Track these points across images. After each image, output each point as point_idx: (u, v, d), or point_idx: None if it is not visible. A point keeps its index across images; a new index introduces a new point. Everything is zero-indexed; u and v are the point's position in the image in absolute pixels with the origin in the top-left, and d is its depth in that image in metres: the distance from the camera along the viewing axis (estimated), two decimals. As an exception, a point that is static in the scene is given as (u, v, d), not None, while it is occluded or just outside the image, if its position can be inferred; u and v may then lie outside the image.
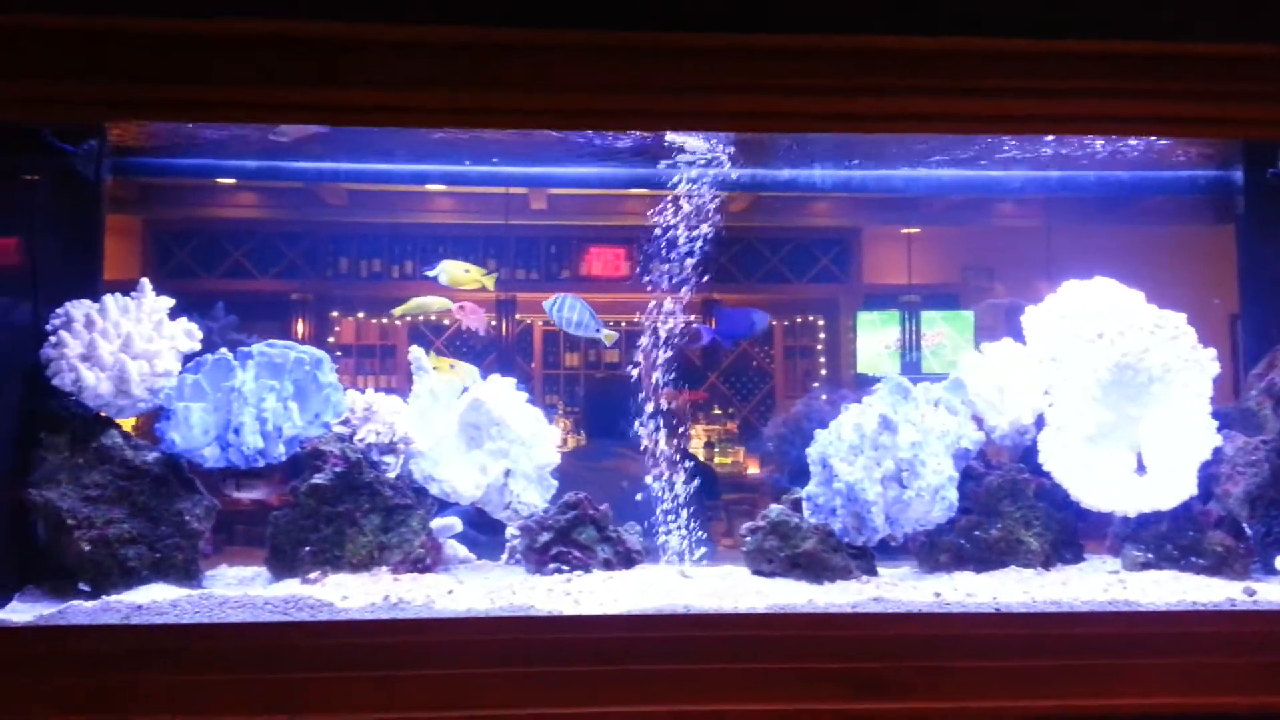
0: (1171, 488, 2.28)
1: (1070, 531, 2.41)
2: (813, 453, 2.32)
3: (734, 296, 8.08)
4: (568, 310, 2.87)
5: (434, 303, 2.82)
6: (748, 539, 2.30)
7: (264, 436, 2.28)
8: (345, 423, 2.38)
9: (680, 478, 2.63)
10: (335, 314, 8.00)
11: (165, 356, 2.31)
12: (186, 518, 2.26)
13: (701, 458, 6.25)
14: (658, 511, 2.68)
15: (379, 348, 7.90)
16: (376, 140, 2.57)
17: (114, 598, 2.10)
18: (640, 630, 2.04)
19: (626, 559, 2.35)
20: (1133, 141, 2.47)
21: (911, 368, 7.61)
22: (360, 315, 7.99)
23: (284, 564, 2.28)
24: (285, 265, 7.81)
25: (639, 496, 2.92)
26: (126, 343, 2.27)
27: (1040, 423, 2.40)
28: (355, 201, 7.55)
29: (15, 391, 2.22)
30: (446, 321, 7.86)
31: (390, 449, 2.35)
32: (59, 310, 2.28)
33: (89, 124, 2.27)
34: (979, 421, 2.40)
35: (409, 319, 8.05)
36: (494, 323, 7.51)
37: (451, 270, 2.77)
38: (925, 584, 2.25)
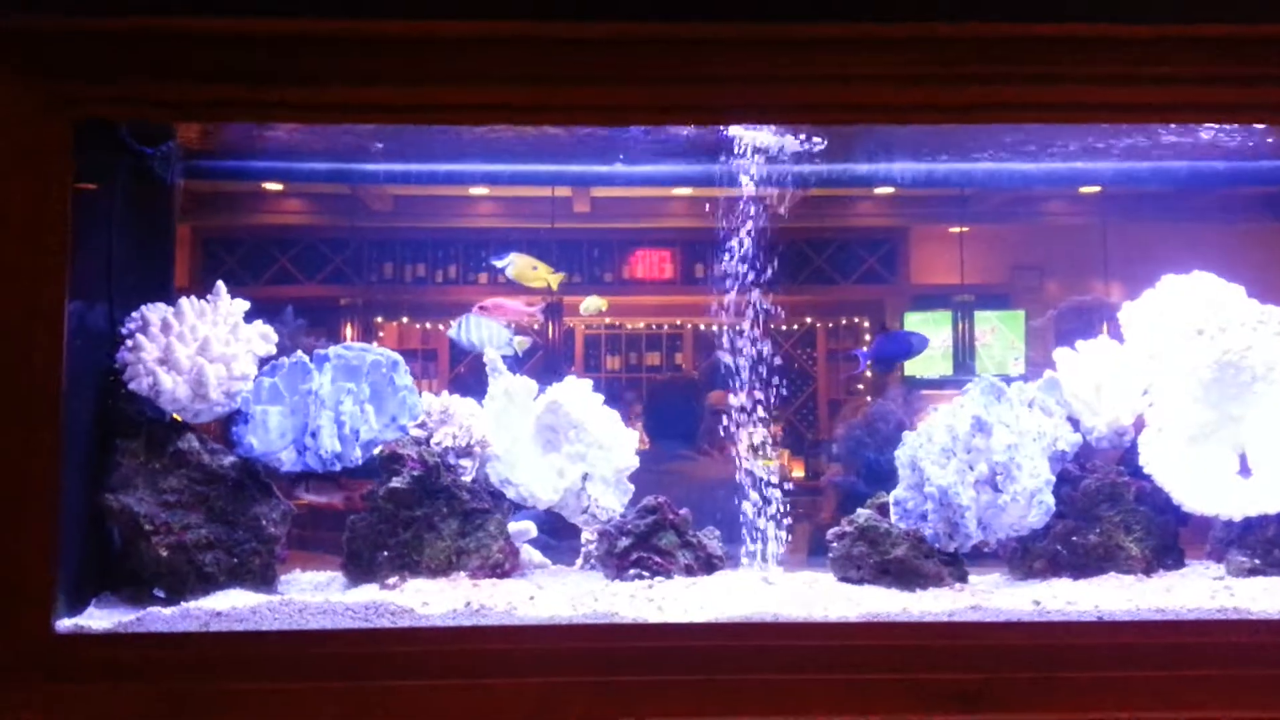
0: (1278, 490, 2.18)
1: (1171, 536, 2.31)
2: (902, 455, 2.24)
3: (782, 299, 8.04)
4: (474, 330, 2.77)
5: (601, 302, 2.78)
6: (834, 545, 2.23)
7: (341, 440, 2.25)
8: (421, 425, 2.34)
9: (759, 481, 2.56)
10: (379, 319, 8.02)
11: (242, 360, 2.28)
12: (263, 522, 2.23)
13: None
14: (740, 515, 2.62)
15: (420, 352, 7.90)
16: (431, 142, 2.53)
17: (192, 604, 2.07)
18: (729, 638, 1.98)
19: (708, 564, 2.28)
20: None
21: (964, 370, 7.48)
22: (404, 320, 7.99)
23: (361, 569, 2.25)
24: (331, 271, 7.85)
25: (713, 500, 2.87)
26: (203, 346, 2.25)
27: (1140, 424, 2.30)
28: (400, 207, 7.58)
29: (91, 396, 2.20)
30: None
31: (467, 452, 2.31)
32: (134, 314, 2.26)
33: (166, 125, 2.25)
34: (1075, 423, 2.31)
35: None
36: (537, 325, 7.49)
37: (520, 265, 2.71)
38: (1021, 591, 2.17)
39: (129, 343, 2.22)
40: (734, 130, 2.36)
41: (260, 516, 2.23)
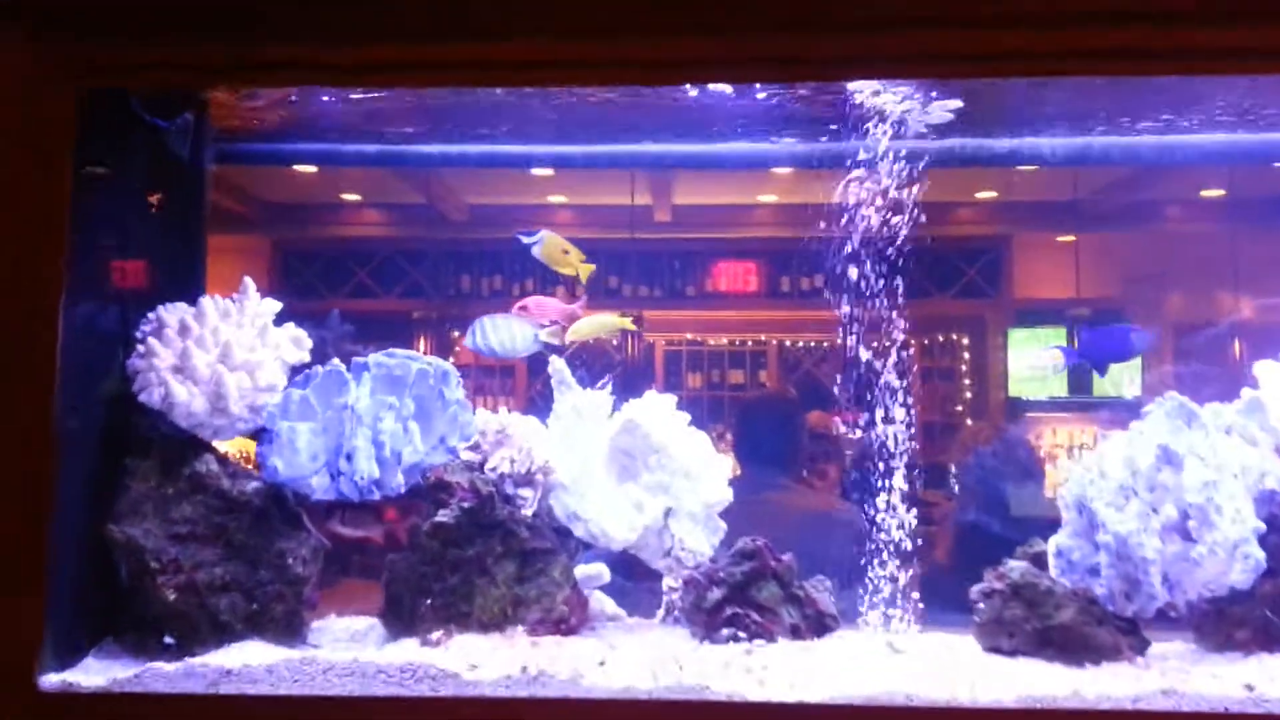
0: None
1: None
2: (1066, 494, 1.80)
3: (875, 314, 7.54)
4: (492, 334, 2.32)
5: (611, 320, 2.39)
6: (980, 605, 1.79)
7: (380, 463, 1.90)
8: (474, 448, 1.98)
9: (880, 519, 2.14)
10: (455, 334, 7.79)
11: (268, 368, 1.95)
12: (290, 560, 1.89)
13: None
14: (853, 561, 2.19)
15: (499, 368, 7.63)
16: (502, 117, 2.19)
17: (200, 660, 1.73)
18: (851, 725, 1.57)
19: (818, 624, 1.87)
20: None
21: (1079, 392, 6.88)
22: (481, 335, 7.70)
23: (401, 619, 1.89)
24: (408, 284, 7.70)
25: (818, 541, 2.44)
26: (225, 352, 1.93)
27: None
28: (476, 217, 7.35)
29: (98, 409, 1.90)
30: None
31: (527, 480, 1.94)
32: (150, 315, 1.96)
33: (183, 96, 1.95)
34: (1287, 455, 1.83)
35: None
36: (615, 342, 7.14)
37: (550, 246, 2.32)
38: (1223, 670, 1.70)
39: (141, 348, 1.91)
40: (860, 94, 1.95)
41: (286, 553, 1.89)
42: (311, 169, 6.01)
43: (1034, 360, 7.39)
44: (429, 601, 1.84)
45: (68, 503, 1.80)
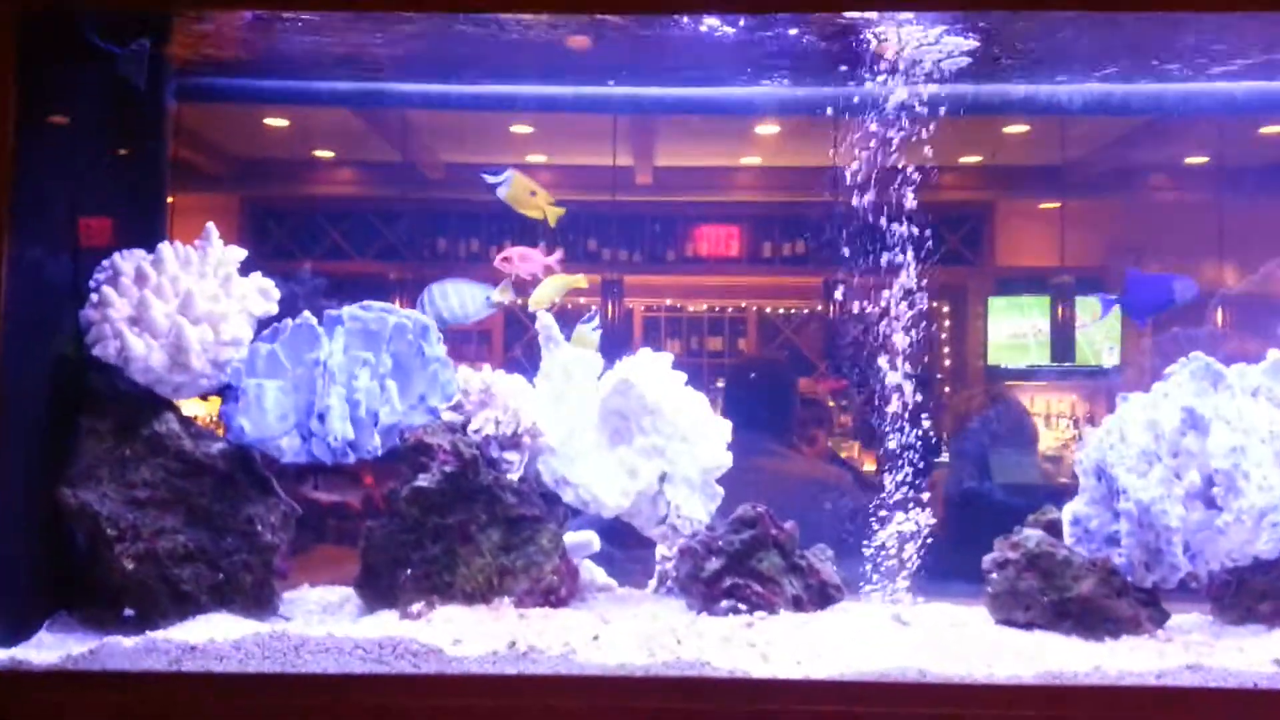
0: None
1: None
2: (1084, 459, 1.71)
3: (853, 281, 7.46)
4: (441, 299, 2.19)
5: (572, 280, 2.24)
6: (993, 576, 1.69)
7: (355, 424, 1.77)
8: (456, 408, 1.85)
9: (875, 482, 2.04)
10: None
11: (234, 321, 1.81)
12: (258, 527, 1.77)
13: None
14: (851, 528, 2.09)
15: (475, 333, 7.48)
16: (490, 55, 2.04)
17: (162, 634, 1.61)
18: (860, 702, 1.47)
19: (821, 595, 1.77)
20: None
21: (1060, 360, 6.82)
22: (458, 299, 7.54)
23: (379, 590, 1.77)
24: (383, 246, 7.50)
25: (813, 509, 2.35)
26: (185, 303, 1.78)
27: None
28: (453, 176, 7.15)
29: (47, 365, 1.75)
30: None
31: (514, 443, 1.82)
32: (105, 263, 1.81)
33: (140, 21, 1.78)
34: (1316, 419, 1.75)
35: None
36: (593, 307, 7.00)
37: (518, 187, 2.18)
38: (1249, 644, 1.62)
39: (94, 297, 1.77)
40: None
41: (255, 519, 1.77)
42: (283, 122, 5.80)
43: (1016, 327, 7.34)
44: (409, 572, 1.73)
45: (15, 465, 1.67)
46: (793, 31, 1.84)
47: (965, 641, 1.61)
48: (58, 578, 1.77)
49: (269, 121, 5.76)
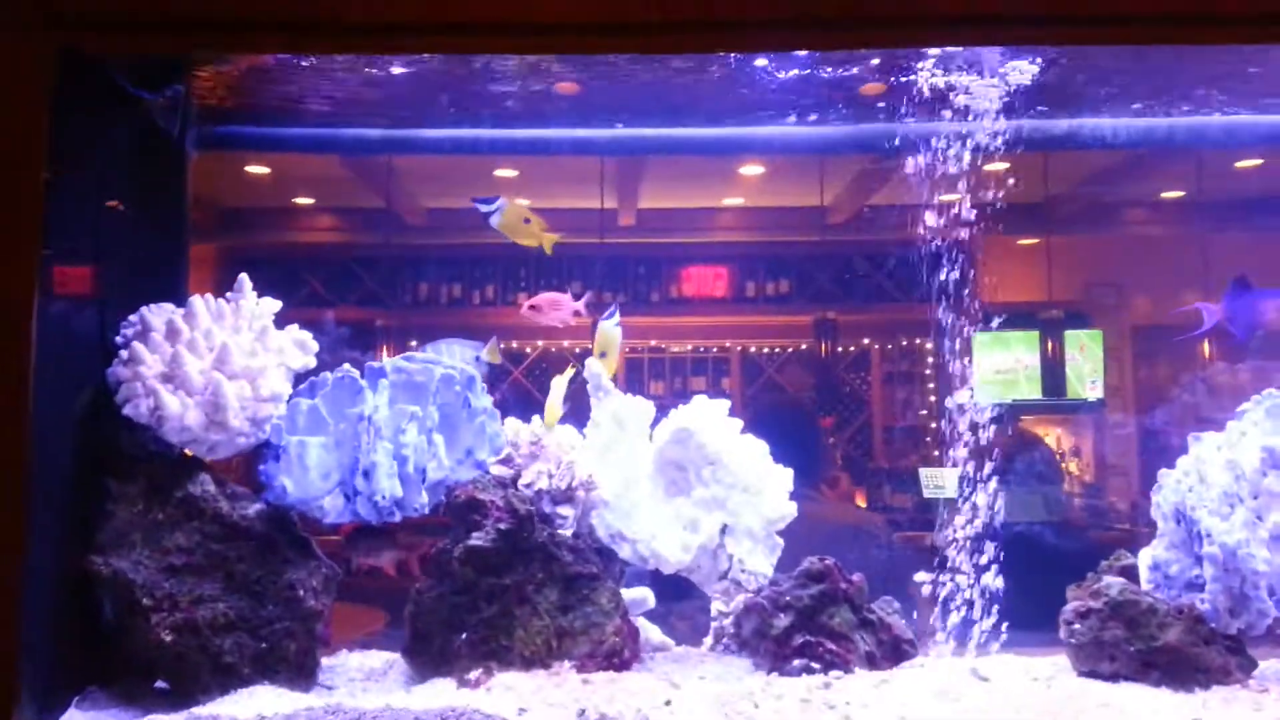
0: None
1: None
2: (1163, 502, 1.66)
3: (847, 316, 7.46)
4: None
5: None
6: (1076, 626, 1.63)
7: (403, 480, 1.69)
8: (505, 461, 1.78)
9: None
10: (414, 343, 7.51)
11: (271, 376, 1.73)
12: (300, 592, 1.67)
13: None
14: (895, 573, 2.03)
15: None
16: (498, 99, 2.00)
17: (207, 708, 1.51)
18: (957, 766, 1.40)
19: (894, 650, 1.70)
20: None
21: (1051, 394, 6.84)
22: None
23: (430, 656, 1.67)
24: (363, 293, 7.41)
25: (855, 555, 2.28)
26: (221, 358, 1.70)
27: None
28: (435, 221, 7.09)
29: (74, 424, 1.66)
30: (528, 350, 7.38)
31: (567, 497, 1.74)
32: (132, 317, 1.73)
33: (171, 65, 1.71)
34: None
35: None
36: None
37: (511, 216, 2.08)
38: (1342, 692, 1.57)
39: (124, 354, 1.68)
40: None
41: (297, 585, 1.67)
42: (264, 169, 5.71)
43: (1001, 363, 7.36)
44: (463, 636, 1.64)
45: (43, 531, 1.56)
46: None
47: (1053, 696, 1.54)
48: (87, 651, 1.66)
49: (250, 169, 5.67)
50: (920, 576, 1.86)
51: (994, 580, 1.92)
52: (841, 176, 6.06)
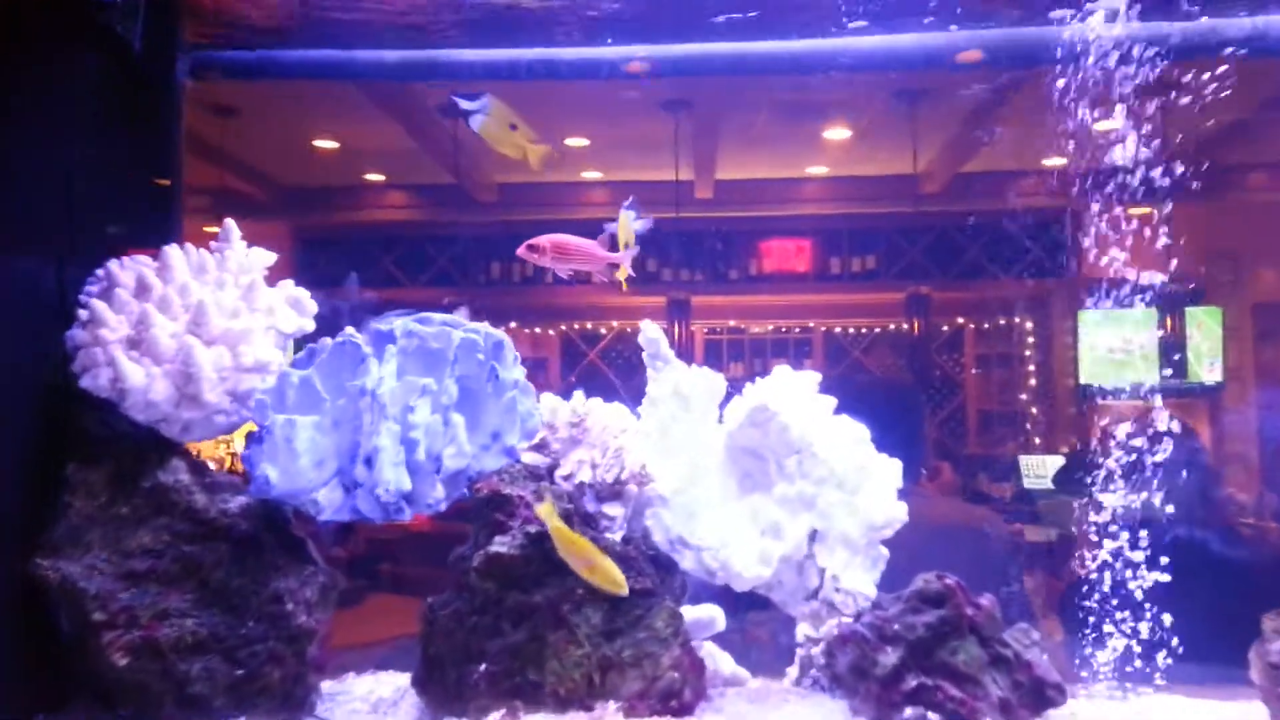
0: None
1: None
2: None
3: (940, 293, 6.98)
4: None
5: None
6: (1288, 668, 1.23)
7: (412, 470, 1.36)
8: (540, 447, 1.44)
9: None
10: (485, 323, 7.29)
11: (258, 340, 1.43)
12: (289, 606, 1.36)
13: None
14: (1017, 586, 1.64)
15: (531, 361, 7.16)
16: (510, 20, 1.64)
17: (163, 754, 1.21)
18: None
19: (1036, 696, 1.31)
20: None
21: (1171, 376, 6.30)
22: (512, 324, 7.29)
23: (445, 688, 1.35)
24: (436, 272, 7.26)
25: (967, 561, 1.89)
26: (197, 318, 1.40)
27: None
28: (506, 197, 6.87)
29: (27, 399, 1.38)
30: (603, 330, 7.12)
31: (615, 493, 1.40)
32: (99, 272, 1.44)
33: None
34: None
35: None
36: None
37: (494, 120, 1.68)
38: None
39: (83, 314, 1.39)
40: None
41: (284, 596, 1.36)
42: (333, 144, 5.54)
43: (1113, 341, 6.83)
44: (482, 667, 1.31)
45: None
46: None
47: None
48: (35, 672, 1.38)
49: (318, 144, 5.51)
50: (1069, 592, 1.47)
51: (1156, 601, 1.52)
52: (934, 141, 5.60)
